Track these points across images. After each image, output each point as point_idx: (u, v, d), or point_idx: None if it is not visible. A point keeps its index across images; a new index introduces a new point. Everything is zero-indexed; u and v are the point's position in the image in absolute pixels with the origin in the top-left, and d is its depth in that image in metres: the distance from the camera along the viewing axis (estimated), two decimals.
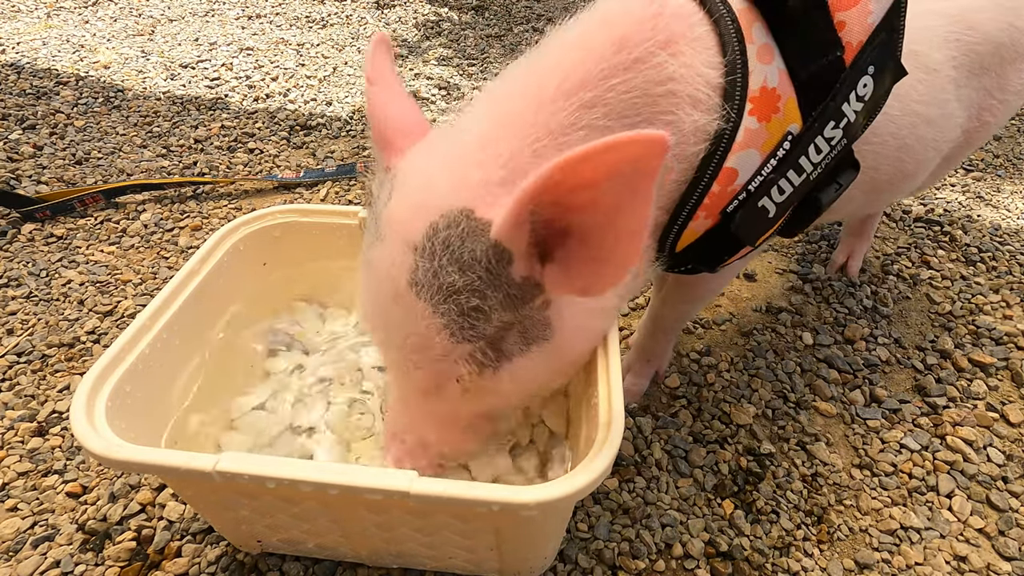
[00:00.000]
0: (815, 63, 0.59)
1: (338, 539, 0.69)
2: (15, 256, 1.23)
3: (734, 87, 0.56)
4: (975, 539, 0.81)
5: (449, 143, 0.56)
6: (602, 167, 0.42)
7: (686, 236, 0.63)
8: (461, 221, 0.51)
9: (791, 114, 0.59)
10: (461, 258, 0.51)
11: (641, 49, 0.55)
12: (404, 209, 0.54)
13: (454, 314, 0.52)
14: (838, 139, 0.61)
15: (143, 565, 0.75)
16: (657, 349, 0.95)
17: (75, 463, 0.86)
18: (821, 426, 0.95)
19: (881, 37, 0.60)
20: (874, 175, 0.75)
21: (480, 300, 0.52)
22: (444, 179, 0.53)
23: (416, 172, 0.56)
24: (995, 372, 1.04)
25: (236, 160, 1.58)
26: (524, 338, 0.57)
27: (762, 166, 0.59)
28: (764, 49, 0.58)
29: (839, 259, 1.24)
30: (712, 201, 0.60)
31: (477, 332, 0.54)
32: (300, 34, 2.36)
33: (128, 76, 1.96)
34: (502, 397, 0.62)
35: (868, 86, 0.61)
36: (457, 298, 0.52)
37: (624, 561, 0.77)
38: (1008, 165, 1.66)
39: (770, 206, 0.61)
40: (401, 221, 0.54)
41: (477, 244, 0.50)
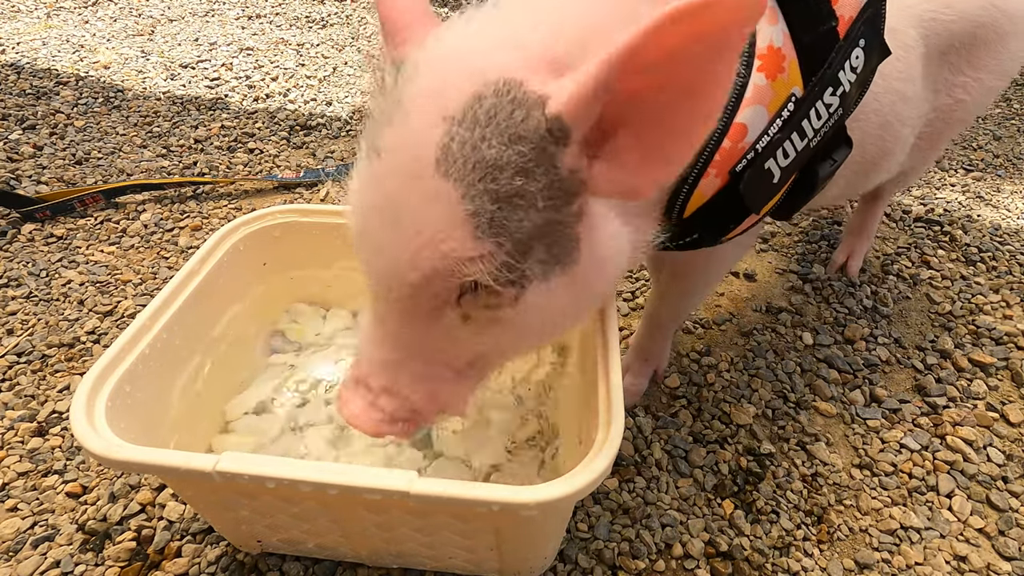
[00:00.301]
0: (814, 30, 0.61)
1: (338, 539, 0.69)
2: (15, 256, 1.23)
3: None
4: (975, 539, 0.81)
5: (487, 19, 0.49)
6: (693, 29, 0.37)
7: (695, 199, 0.62)
8: (513, 90, 0.44)
9: (794, 76, 0.61)
10: (510, 130, 0.43)
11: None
12: (437, 79, 0.46)
13: (487, 200, 0.44)
14: (835, 106, 0.64)
15: (143, 565, 0.75)
16: (655, 348, 0.95)
17: (75, 463, 0.86)
18: (821, 426, 0.95)
19: (869, 13, 0.63)
20: (861, 153, 0.77)
21: (524, 182, 0.44)
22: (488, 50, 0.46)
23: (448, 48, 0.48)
24: (995, 372, 1.04)
25: (236, 160, 1.58)
26: (551, 255, 0.48)
27: (769, 125, 0.60)
28: (770, 11, 0.60)
29: (839, 259, 1.24)
30: (722, 158, 0.60)
31: (509, 229, 0.45)
32: (300, 34, 2.36)
33: (128, 76, 1.96)
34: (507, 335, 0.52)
35: (860, 59, 0.64)
36: (497, 178, 0.44)
37: (624, 561, 0.77)
38: (1008, 165, 1.66)
39: (775, 169, 0.62)
40: (434, 91, 0.45)
41: (532, 117, 0.43)
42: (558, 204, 0.46)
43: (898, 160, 0.88)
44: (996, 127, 1.84)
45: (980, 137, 1.77)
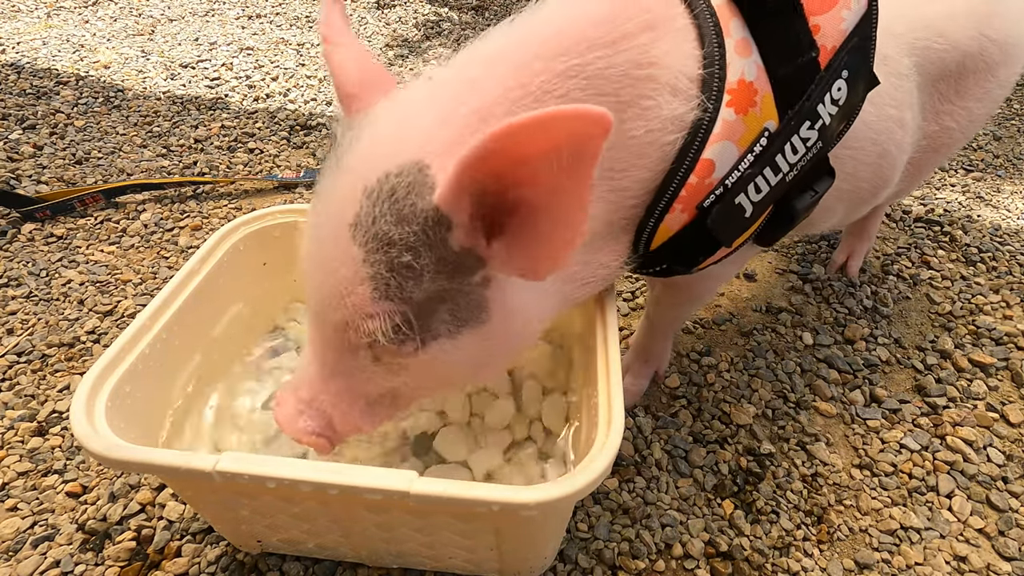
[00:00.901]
0: (791, 62, 0.59)
1: (338, 539, 0.69)
2: (15, 256, 1.23)
3: (712, 78, 0.57)
4: (975, 539, 0.81)
5: (420, 96, 0.54)
6: (540, 140, 0.40)
7: (661, 232, 0.62)
8: (413, 174, 0.48)
9: (768, 110, 0.59)
10: (402, 211, 0.48)
11: (628, 27, 0.54)
12: (366, 152, 0.52)
13: (383, 267, 0.49)
14: (814, 140, 0.62)
15: (143, 565, 0.75)
16: (655, 349, 0.95)
17: (75, 463, 0.86)
18: (821, 426, 0.95)
19: (854, 42, 0.61)
20: (856, 183, 0.76)
21: (412, 258, 0.49)
22: (408, 130, 0.52)
23: (384, 120, 0.54)
24: (995, 372, 1.04)
25: (236, 160, 1.58)
26: (455, 317, 0.53)
27: (740, 160, 0.59)
28: (742, 43, 0.58)
29: (839, 259, 1.24)
30: (689, 193, 0.59)
31: (404, 293, 0.50)
32: (300, 34, 2.36)
33: (128, 76, 1.96)
34: (415, 379, 0.57)
35: (842, 90, 0.61)
36: (389, 250, 0.49)
37: (624, 561, 0.77)
38: (1008, 165, 1.66)
39: (747, 204, 0.61)
40: (360, 162, 0.52)
41: (420, 201, 0.48)
42: (454, 276, 0.51)
43: (894, 187, 0.86)
44: (996, 127, 1.84)
45: (980, 137, 1.77)
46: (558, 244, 0.47)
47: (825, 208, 0.76)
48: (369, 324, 0.51)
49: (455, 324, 0.53)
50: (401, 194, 0.48)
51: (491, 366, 0.61)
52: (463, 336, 0.54)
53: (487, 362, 0.59)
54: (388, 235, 0.49)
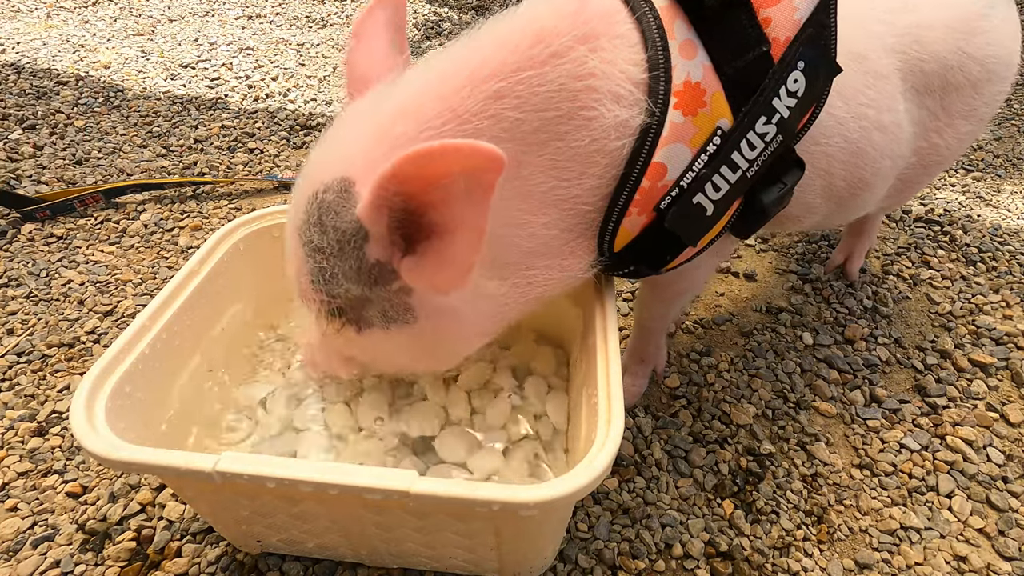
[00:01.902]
0: (740, 58, 0.59)
1: (338, 539, 0.69)
2: (15, 256, 1.23)
3: (657, 82, 0.57)
4: (975, 539, 0.81)
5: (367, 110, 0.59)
6: (442, 167, 0.44)
7: (622, 235, 0.62)
8: (341, 189, 0.54)
9: (719, 109, 0.59)
10: (325, 223, 0.54)
11: (559, 43, 0.55)
12: (314, 163, 0.59)
13: (315, 267, 0.57)
14: (772, 134, 0.61)
15: (143, 565, 0.75)
16: (649, 348, 0.95)
17: (75, 463, 0.86)
18: (821, 426, 0.95)
19: (809, 32, 0.60)
20: (829, 179, 0.75)
21: (330, 265, 0.56)
22: (346, 145, 0.57)
23: (336, 129, 0.60)
24: (995, 372, 1.04)
25: (236, 160, 1.58)
26: (384, 316, 0.60)
27: (693, 161, 0.59)
28: (686, 45, 0.58)
29: (837, 259, 1.23)
30: (643, 197, 0.59)
31: (331, 291, 0.57)
32: (300, 34, 2.36)
33: (128, 76, 1.96)
34: (366, 354, 0.66)
35: (799, 82, 0.61)
36: (316, 255, 0.56)
37: (624, 561, 0.77)
38: (1008, 165, 1.66)
39: (706, 203, 0.61)
40: (310, 170, 0.58)
41: (342, 215, 0.53)
42: (372, 284, 0.57)
43: (879, 194, 0.86)
44: (996, 127, 1.84)
45: (980, 137, 1.77)
46: (458, 266, 0.51)
47: (804, 203, 0.76)
48: (312, 305, 0.61)
49: (384, 321, 0.60)
50: (328, 208, 0.54)
51: (433, 358, 0.68)
52: (394, 331, 0.61)
53: (427, 355, 0.66)
54: (315, 242, 0.55)
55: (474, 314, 0.62)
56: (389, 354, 0.65)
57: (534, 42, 0.55)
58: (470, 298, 0.60)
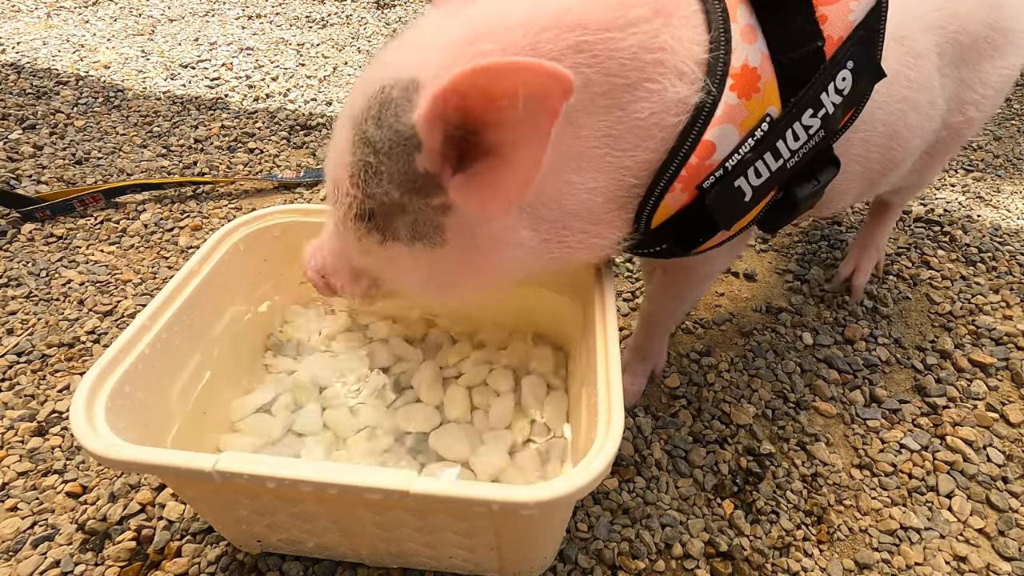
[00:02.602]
0: (796, 50, 0.60)
1: (338, 539, 0.69)
2: (15, 256, 1.23)
3: (717, 62, 0.58)
4: (975, 539, 0.81)
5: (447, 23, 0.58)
6: (508, 83, 0.43)
7: (661, 211, 0.63)
8: (408, 88, 0.53)
9: (770, 96, 0.60)
10: (383, 118, 0.54)
11: (640, 11, 0.56)
12: (390, 57, 0.58)
13: (359, 160, 0.56)
14: (816, 128, 0.63)
15: (143, 565, 0.75)
16: (651, 347, 0.96)
17: (75, 463, 0.86)
18: (821, 426, 0.95)
19: (860, 35, 0.62)
20: (867, 164, 0.76)
21: (376, 162, 0.55)
22: (425, 49, 0.56)
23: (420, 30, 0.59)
24: (995, 372, 1.04)
25: (236, 160, 1.58)
26: (412, 231, 0.59)
27: (740, 144, 0.60)
28: (747, 30, 0.59)
29: (844, 272, 1.20)
30: (689, 173, 0.60)
31: (368, 189, 0.57)
32: (300, 34, 2.36)
33: (128, 76, 1.96)
34: (381, 268, 0.65)
35: (847, 80, 0.62)
36: (365, 148, 0.55)
37: (624, 561, 0.77)
38: (1008, 165, 1.66)
39: (746, 188, 0.62)
40: (380, 67, 0.57)
41: (401, 116, 0.53)
42: (413, 194, 0.56)
43: (905, 170, 0.86)
44: (996, 127, 1.84)
45: (980, 137, 1.77)
46: (509, 191, 0.51)
47: (840, 191, 0.77)
48: (344, 201, 0.59)
49: (412, 235, 0.59)
50: (390, 104, 0.54)
51: (449, 289, 0.66)
52: (418, 250, 0.60)
53: (444, 284, 0.64)
54: (369, 135, 0.55)
55: (499, 256, 0.62)
56: (403, 273, 0.64)
57: (617, 5, 0.56)
58: (502, 238, 0.60)
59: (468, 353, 0.88)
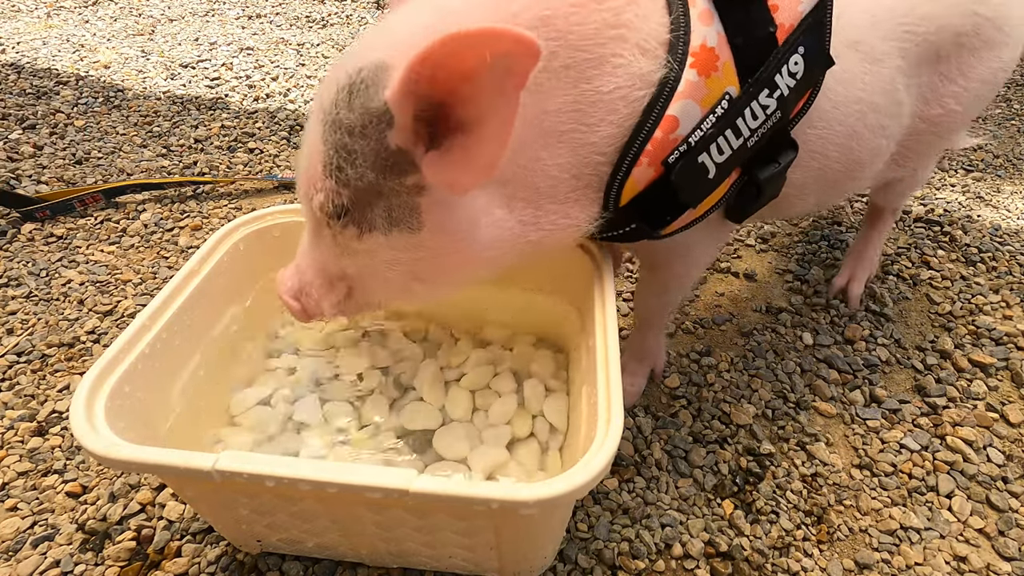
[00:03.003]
0: (751, 34, 0.63)
1: (337, 539, 0.69)
2: (15, 256, 1.23)
3: (678, 41, 0.61)
4: (975, 539, 0.81)
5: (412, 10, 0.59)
6: (477, 53, 0.44)
7: (629, 187, 0.64)
8: (375, 71, 0.54)
9: (729, 76, 0.63)
10: (354, 101, 0.55)
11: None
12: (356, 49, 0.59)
13: (331, 147, 0.57)
14: (773, 108, 0.65)
15: (143, 565, 0.75)
16: (648, 346, 0.96)
17: (75, 463, 0.86)
18: (821, 426, 0.95)
19: (809, 22, 0.65)
20: (825, 162, 0.78)
21: (350, 142, 0.56)
22: (391, 34, 0.58)
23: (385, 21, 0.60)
24: (995, 372, 1.04)
25: (236, 160, 1.58)
26: (390, 215, 0.59)
27: (702, 120, 0.62)
28: (705, 13, 0.62)
29: (839, 283, 1.20)
30: (654, 148, 0.62)
31: (343, 175, 0.57)
32: (300, 34, 2.36)
33: (128, 76, 1.96)
34: (358, 267, 0.64)
35: (799, 64, 0.65)
36: (338, 132, 0.56)
37: (624, 561, 0.77)
38: (1008, 165, 1.66)
39: (710, 164, 0.64)
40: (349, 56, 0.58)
41: (372, 96, 0.54)
42: (387, 173, 0.56)
43: (874, 170, 0.87)
44: (996, 127, 1.84)
45: (980, 137, 1.77)
46: (481, 162, 0.52)
47: (798, 186, 0.78)
48: (318, 198, 0.59)
49: (388, 222, 0.59)
50: (362, 88, 0.55)
51: (428, 280, 0.66)
52: (396, 237, 0.60)
53: (423, 274, 0.64)
54: (340, 119, 0.55)
55: (476, 238, 0.62)
56: (384, 268, 0.63)
57: None
58: (477, 218, 0.61)
59: (469, 353, 0.88)
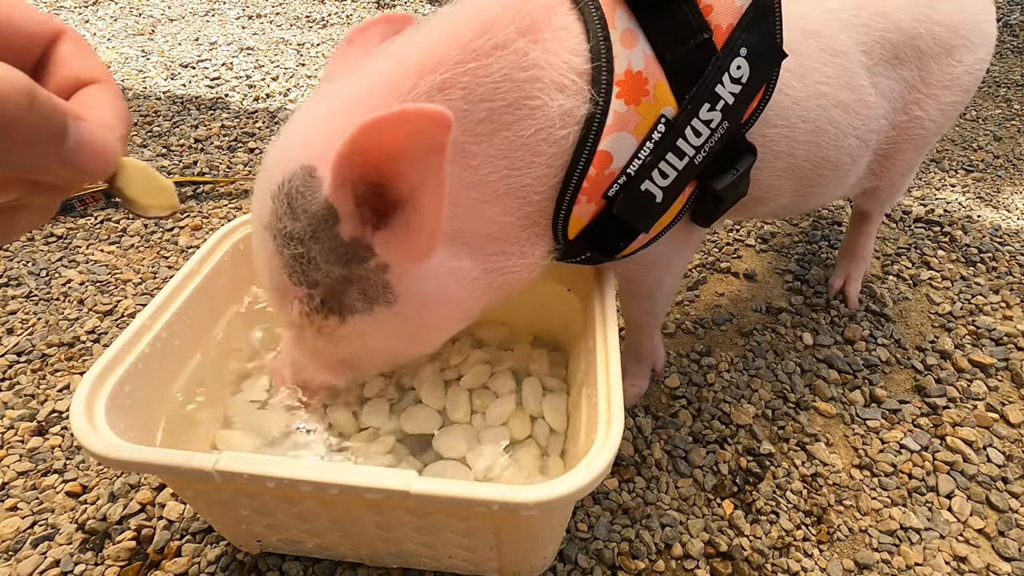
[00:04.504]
0: (682, 46, 0.60)
1: (338, 539, 0.69)
2: (15, 256, 1.23)
3: (599, 72, 0.58)
4: (975, 539, 0.81)
5: (321, 101, 0.60)
6: (396, 134, 0.45)
7: (573, 223, 0.63)
8: (304, 177, 0.54)
9: (663, 97, 0.60)
10: (295, 210, 0.55)
11: (502, 35, 0.56)
12: (271, 159, 0.59)
13: (290, 257, 0.57)
14: (717, 121, 0.62)
15: (143, 565, 0.75)
16: (642, 345, 0.95)
17: (75, 463, 0.86)
18: (821, 426, 0.95)
19: (751, 17, 0.61)
20: (791, 160, 0.76)
21: (307, 249, 0.56)
22: (301, 136, 0.58)
23: (291, 123, 0.60)
24: (995, 372, 1.04)
25: (236, 160, 1.58)
26: (365, 297, 0.59)
27: (639, 149, 0.60)
28: (627, 34, 0.59)
29: (836, 284, 1.20)
30: (591, 185, 0.60)
31: (309, 279, 0.58)
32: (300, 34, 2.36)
33: (128, 76, 1.96)
34: (351, 349, 0.64)
35: (743, 68, 0.61)
36: (291, 243, 0.56)
37: (624, 561, 0.77)
38: (1008, 165, 1.66)
39: (655, 190, 0.62)
40: (267, 169, 0.58)
41: (310, 199, 0.54)
42: (350, 263, 0.57)
43: (852, 172, 0.86)
44: (996, 127, 1.84)
45: (980, 137, 1.77)
46: (424, 232, 0.52)
47: (768, 185, 0.77)
48: (296, 306, 0.60)
49: (366, 303, 0.60)
50: (296, 196, 0.55)
51: (419, 340, 0.67)
52: (378, 313, 0.60)
53: (413, 336, 0.65)
54: (289, 231, 0.56)
55: (449, 293, 0.63)
56: (375, 341, 0.64)
57: (479, 34, 0.56)
58: (444, 276, 0.61)
59: (468, 353, 0.88)
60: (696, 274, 1.26)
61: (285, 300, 0.61)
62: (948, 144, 1.74)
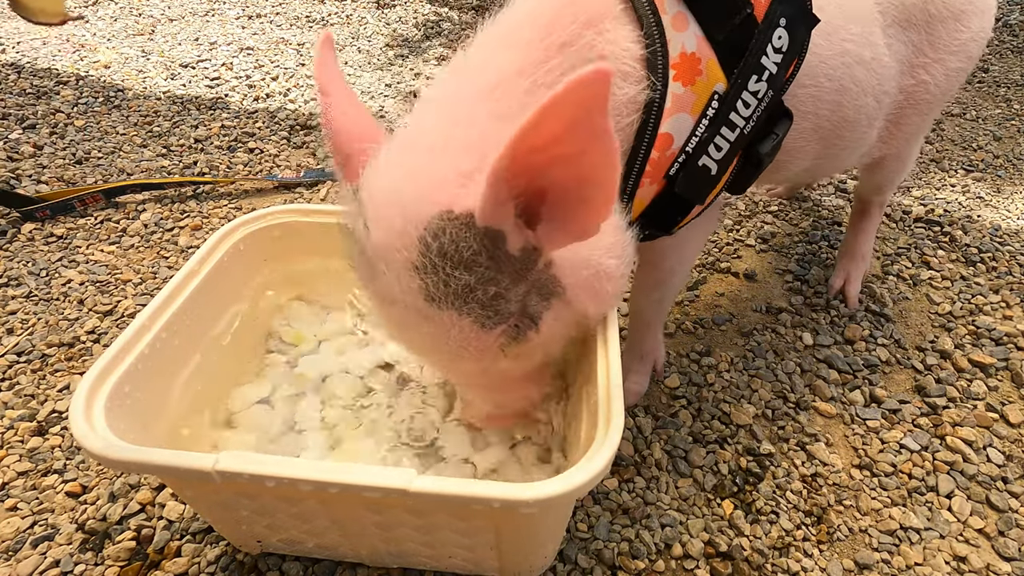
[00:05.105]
0: (728, 23, 0.62)
1: (338, 539, 0.69)
2: (15, 256, 1.23)
3: (655, 57, 0.59)
4: (975, 539, 0.81)
5: (407, 151, 0.56)
6: (558, 121, 0.43)
7: (636, 205, 0.65)
8: (446, 225, 0.51)
9: (714, 74, 0.62)
10: (462, 258, 0.51)
11: (568, 32, 0.58)
12: (388, 236, 0.54)
13: (478, 309, 0.54)
14: (763, 91, 0.65)
15: (143, 565, 0.75)
16: (647, 343, 0.95)
17: (75, 463, 0.86)
18: (821, 426, 0.95)
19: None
20: (816, 120, 0.78)
21: (495, 286, 0.54)
22: (414, 190, 0.53)
23: (384, 191, 0.55)
24: (995, 372, 1.04)
25: (236, 160, 1.58)
26: (542, 297, 0.58)
27: (695, 127, 0.62)
28: (678, 17, 0.61)
29: (836, 284, 1.20)
30: (653, 168, 0.62)
31: (503, 314, 0.56)
32: (300, 34, 2.36)
33: (128, 76, 1.96)
34: (544, 349, 0.64)
35: (783, 38, 0.64)
36: (475, 294, 0.53)
37: (624, 561, 0.77)
38: (1008, 165, 1.66)
39: (711, 164, 0.64)
40: (391, 249, 0.54)
41: (470, 239, 0.51)
42: (526, 274, 0.55)
43: (867, 136, 0.87)
44: (996, 127, 1.84)
45: (980, 137, 1.77)
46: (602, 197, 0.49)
47: (793, 149, 0.79)
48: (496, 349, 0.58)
49: (545, 301, 0.59)
50: (451, 248, 0.51)
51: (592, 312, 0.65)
52: (555, 307, 0.59)
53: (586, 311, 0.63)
54: (467, 284, 0.53)
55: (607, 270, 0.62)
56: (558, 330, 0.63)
57: (545, 35, 0.57)
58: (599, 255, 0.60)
59: None
60: (696, 274, 1.25)
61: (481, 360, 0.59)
62: (948, 144, 1.74)
